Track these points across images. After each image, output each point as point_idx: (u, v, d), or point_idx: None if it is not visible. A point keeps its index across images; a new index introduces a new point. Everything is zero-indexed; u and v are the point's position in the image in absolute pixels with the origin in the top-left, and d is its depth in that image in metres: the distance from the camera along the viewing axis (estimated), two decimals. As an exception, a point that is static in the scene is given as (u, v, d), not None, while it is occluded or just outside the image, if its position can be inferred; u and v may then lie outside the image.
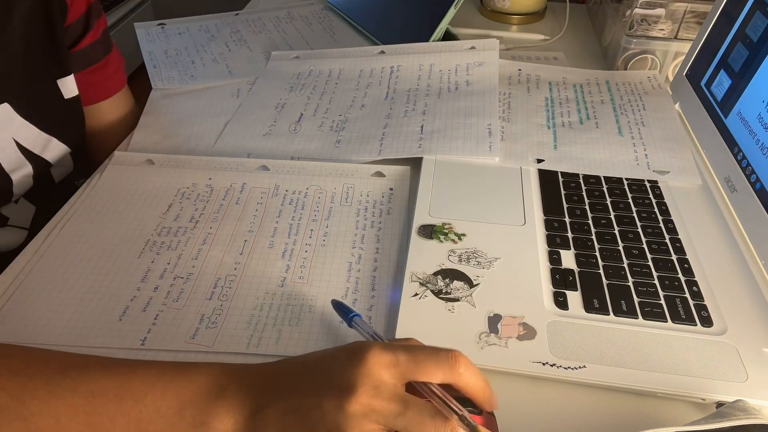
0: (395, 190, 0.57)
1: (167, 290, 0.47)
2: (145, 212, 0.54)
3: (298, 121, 0.67)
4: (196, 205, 0.55)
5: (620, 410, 0.39)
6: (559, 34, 0.88)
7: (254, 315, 0.45)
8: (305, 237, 0.52)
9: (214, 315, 0.45)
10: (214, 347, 0.42)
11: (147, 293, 0.47)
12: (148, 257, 0.50)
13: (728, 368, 0.40)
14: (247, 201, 0.56)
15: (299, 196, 0.56)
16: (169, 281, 0.48)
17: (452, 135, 0.62)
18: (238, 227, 0.53)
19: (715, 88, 0.61)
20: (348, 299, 0.46)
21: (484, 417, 0.34)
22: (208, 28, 0.87)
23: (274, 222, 0.53)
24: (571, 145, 0.62)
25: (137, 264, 0.49)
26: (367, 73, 0.75)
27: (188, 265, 0.49)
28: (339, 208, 0.55)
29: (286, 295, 0.46)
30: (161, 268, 0.49)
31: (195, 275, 0.48)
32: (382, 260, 0.49)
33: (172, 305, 0.46)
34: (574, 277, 0.47)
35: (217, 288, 0.47)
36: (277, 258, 0.50)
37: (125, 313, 0.45)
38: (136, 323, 0.44)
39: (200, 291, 0.47)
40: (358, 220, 0.54)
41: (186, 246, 0.51)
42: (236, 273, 0.48)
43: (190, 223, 0.53)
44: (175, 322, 0.44)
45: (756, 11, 0.57)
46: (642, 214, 0.53)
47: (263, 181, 0.58)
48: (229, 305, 0.46)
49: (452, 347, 0.33)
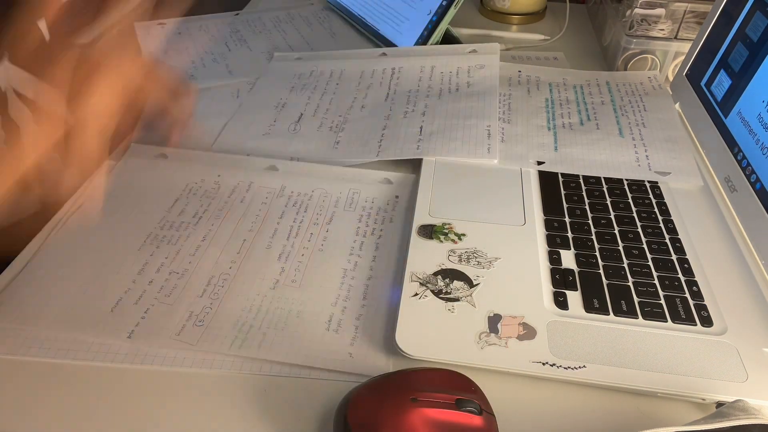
0: (401, 197, 0.57)
1: (161, 285, 0.47)
2: (152, 205, 0.55)
3: (298, 121, 0.67)
4: (201, 201, 0.55)
5: (620, 410, 0.39)
6: (559, 34, 0.88)
7: (242, 316, 0.44)
8: (304, 240, 0.51)
9: (203, 313, 0.45)
10: (196, 345, 0.42)
11: (141, 286, 0.47)
12: (148, 250, 0.50)
13: (728, 368, 0.40)
14: (252, 200, 0.56)
15: (304, 198, 0.56)
16: (164, 276, 0.48)
17: (451, 136, 0.62)
18: (240, 226, 0.53)
19: (715, 88, 0.61)
20: (338, 307, 0.45)
21: (483, 417, 0.34)
22: (208, 28, 0.87)
23: (276, 223, 0.53)
24: (571, 147, 0.62)
25: (136, 256, 0.49)
26: (368, 74, 0.75)
27: (185, 261, 0.49)
28: (342, 213, 0.55)
29: (276, 297, 0.46)
30: (159, 262, 0.49)
31: (190, 272, 0.48)
32: (377, 269, 0.49)
33: (164, 300, 0.46)
34: (574, 277, 0.47)
35: (210, 286, 0.47)
36: (273, 259, 0.49)
37: (117, 305, 0.45)
38: (126, 315, 0.44)
39: (193, 288, 0.47)
40: (359, 226, 0.53)
41: (186, 242, 0.51)
42: (230, 272, 0.48)
43: (193, 219, 0.53)
44: (164, 317, 0.44)
45: (756, 11, 0.57)
46: (642, 214, 0.53)
47: (270, 182, 0.58)
48: (219, 304, 0.45)
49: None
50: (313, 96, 0.72)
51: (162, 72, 0.53)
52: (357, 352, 0.42)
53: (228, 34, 0.86)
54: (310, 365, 0.41)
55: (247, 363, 0.41)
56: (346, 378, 0.40)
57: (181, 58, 0.80)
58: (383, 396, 0.35)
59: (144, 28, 0.85)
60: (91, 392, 0.39)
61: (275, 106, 0.70)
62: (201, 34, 0.86)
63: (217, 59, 0.80)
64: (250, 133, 0.65)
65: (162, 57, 0.79)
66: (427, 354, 0.40)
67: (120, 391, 0.40)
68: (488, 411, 0.35)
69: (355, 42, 0.85)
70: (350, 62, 0.77)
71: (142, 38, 0.83)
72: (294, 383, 0.40)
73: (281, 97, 0.71)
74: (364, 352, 0.42)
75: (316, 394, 0.40)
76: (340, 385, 0.40)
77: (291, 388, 0.40)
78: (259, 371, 0.41)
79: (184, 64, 0.78)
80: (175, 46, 0.82)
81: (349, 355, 0.42)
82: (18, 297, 0.46)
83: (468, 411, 0.34)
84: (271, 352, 0.42)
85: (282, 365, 0.41)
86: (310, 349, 0.42)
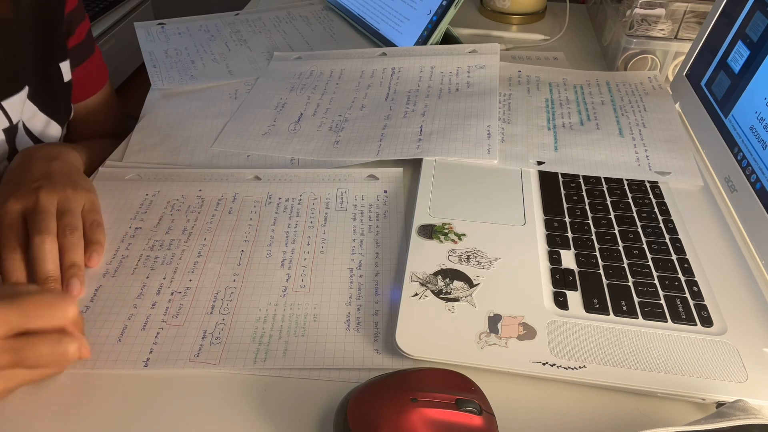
0: (390, 192, 0.57)
1: (165, 306, 0.45)
2: (135, 227, 0.53)
3: (298, 121, 0.67)
4: (187, 217, 0.54)
5: (620, 410, 0.39)
6: (559, 34, 0.88)
7: (258, 328, 0.44)
8: (303, 245, 0.51)
9: (217, 330, 0.43)
10: (219, 365, 0.41)
11: (145, 310, 0.45)
12: (143, 273, 0.48)
13: (728, 368, 0.40)
14: (240, 210, 0.55)
15: (293, 203, 0.56)
16: (166, 297, 0.46)
17: (451, 137, 0.62)
18: (234, 237, 0.52)
19: (715, 88, 0.61)
20: (352, 306, 0.45)
21: (483, 417, 0.34)
22: (208, 28, 0.87)
23: (270, 231, 0.53)
24: (571, 147, 0.62)
25: (131, 280, 0.47)
26: (368, 74, 0.75)
27: (185, 279, 0.48)
28: (334, 213, 0.54)
29: (289, 305, 0.46)
30: (157, 283, 0.47)
31: (193, 289, 0.47)
32: (383, 265, 0.49)
33: (172, 322, 0.44)
34: (574, 277, 0.47)
35: (218, 301, 0.46)
36: (277, 267, 0.49)
37: (124, 333, 0.43)
38: (137, 343, 0.42)
39: (200, 305, 0.45)
40: (355, 225, 0.53)
41: (181, 259, 0.49)
42: (236, 285, 0.47)
43: (183, 236, 0.52)
44: (177, 339, 0.43)
45: (756, 11, 0.57)
46: (642, 214, 0.53)
47: (255, 191, 0.57)
48: (231, 318, 0.44)
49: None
50: (312, 96, 0.72)
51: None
52: (383, 347, 0.42)
53: (228, 34, 0.86)
54: (340, 367, 0.41)
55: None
56: (347, 378, 0.40)
57: (181, 58, 0.79)
58: (383, 396, 0.35)
59: (144, 28, 0.85)
60: (91, 393, 0.39)
61: (275, 105, 0.70)
62: (201, 34, 0.86)
63: (217, 59, 0.80)
64: (249, 132, 0.65)
65: (162, 57, 0.79)
66: (427, 354, 0.40)
67: (119, 391, 0.40)
68: (488, 411, 0.35)
69: (355, 42, 0.85)
70: (350, 62, 0.77)
71: (142, 38, 0.83)
72: (294, 383, 0.40)
73: (281, 97, 0.71)
74: (390, 348, 0.42)
75: (317, 393, 0.40)
76: (341, 384, 0.40)
77: (291, 387, 0.40)
78: (259, 371, 0.41)
79: (184, 64, 0.78)
80: (175, 46, 0.82)
81: (377, 352, 0.42)
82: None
83: (468, 411, 0.34)
84: (297, 359, 0.41)
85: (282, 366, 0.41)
86: (336, 350, 0.42)
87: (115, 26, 1.96)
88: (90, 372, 0.41)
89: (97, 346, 0.42)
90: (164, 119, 0.68)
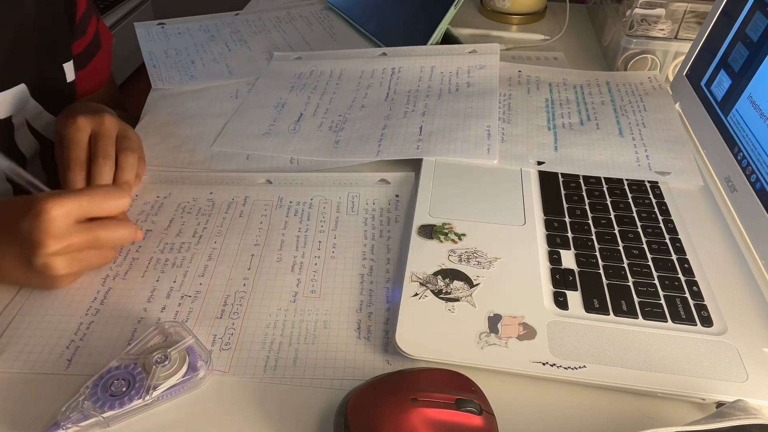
0: (401, 196, 0.56)
1: (175, 310, 0.45)
2: (145, 229, 0.53)
3: (298, 121, 0.67)
4: (198, 220, 0.54)
5: (620, 410, 0.39)
6: (559, 34, 0.88)
7: (268, 334, 0.43)
8: (314, 249, 0.50)
9: (227, 335, 0.43)
10: (229, 372, 0.41)
11: (154, 314, 0.45)
12: (153, 275, 0.48)
13: (728, 368, 0.40)
14: (251, 214, 0.54)
15: (304, 207, 0.55)
16: (176, 300, 0.46)
17: (451, 137, 0.62)
18: (244, 241, 0.51)
19: (715, 88, 0.61)
20: (363, 313, 0.45)
21: (483, 417, 0.34)
22: (208, 28, 0.87)
23: (281, 235, 0.52)
24: (571, 147, 0.62)
25: (141, 283, 0.47)
26: (368, 74, 0.75)
27: (195, 282, 0.47)
28: (346, 217, 0.54)
29: (299, 310, 0.45)
30: (167, 286, 0.47)
31: (203, 293, 0.46)
32: (394, 271, 0.48)
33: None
34: (574, 277, 0.47)
35: (227, 306, 0.45)
36: (287, 272, 0.48)
37: (133, 336, 0.43)
38: None
39: (210, 310, 0.45)
40: (366, 229, 0.52)
41: (191, 263, 0.49)
42: (246, 289, 0.47)
43: (194, 239, 0.51)
44: None
45: (756, 11, 0.57)
46: (642, 214, 0.53)
47: (266, 194, 0.57)
48: (241, 324, 0.44)
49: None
50: (312, 96, 0.72)
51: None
52: (393, 358, 0.41)
53: (228, 34, 0.86)
54: (351, 378, 0.40)
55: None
56: (350, 386, 0.40)
57: (181, 58, 0.79)
58: (383, 396, 0.35)
59: (144, 28, 0.85)
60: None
61: (275, 105, 0.70)
62: (201, 34, 0.86)
63: (217, 59, 0.80)
64: (249, 132, 0.65)
65: (162, 57, 0.79)
66: (427, 354, 0.40)
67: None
68: (488, 411, 0.35)
69: (355, 42, 0.85)
70: (350, 62, 0.77)
71: (142, 38, 0.83)
72: (294, 383, 0.40)
73: (281, 97, 0.71)
74: (390, 348, 0.42)
75: (316, 394, 0.39)
76: (341, 385, 0.40)
77: (291, 388, 0.40)
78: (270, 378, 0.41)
79: (184, 64, 0.78)
80: (175, 46, 0.82)
81: (387, 363, 0.41)
82: (17, 346, 0.42)
83: (468, 411, 0.34)
84: (308, 369, 0.41)
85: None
86: (346, 360, 0.41)
87: (115, 26, 1.96)
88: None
89: (107, 349, 0.42)
90: (164, 119, 0.68)
